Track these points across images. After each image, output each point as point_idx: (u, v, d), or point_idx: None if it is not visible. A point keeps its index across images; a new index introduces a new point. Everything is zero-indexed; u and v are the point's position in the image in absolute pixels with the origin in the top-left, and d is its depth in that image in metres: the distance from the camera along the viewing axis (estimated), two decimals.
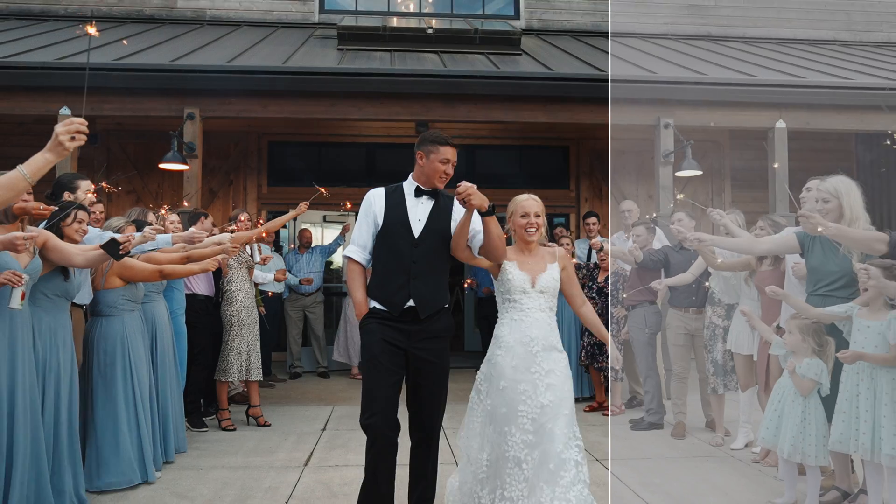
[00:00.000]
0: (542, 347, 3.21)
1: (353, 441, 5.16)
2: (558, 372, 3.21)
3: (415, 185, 3.33)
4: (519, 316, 3.26)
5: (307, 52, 7.99)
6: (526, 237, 3.32)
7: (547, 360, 3.20)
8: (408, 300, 3.20)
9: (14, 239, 3.11)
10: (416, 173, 3.36)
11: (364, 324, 3.26)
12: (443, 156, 3.26)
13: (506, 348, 3.24)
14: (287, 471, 4.48)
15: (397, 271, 3.23)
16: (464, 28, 8.68)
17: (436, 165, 3.27)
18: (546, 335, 3.25)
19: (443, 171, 3.28)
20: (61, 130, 2.50)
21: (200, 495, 3.99)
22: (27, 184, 2.61)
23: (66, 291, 3.70)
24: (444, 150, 3.27)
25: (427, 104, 7.09)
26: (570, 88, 7.16)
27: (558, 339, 3.30)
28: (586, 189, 9.67)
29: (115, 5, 10.07)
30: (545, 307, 3.29)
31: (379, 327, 3.21)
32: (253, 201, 9.29)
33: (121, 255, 3.56)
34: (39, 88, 6.73)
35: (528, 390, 3.15)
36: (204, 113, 6.95)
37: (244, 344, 5.60)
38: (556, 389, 3.16)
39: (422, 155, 3.30)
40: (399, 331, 3.21)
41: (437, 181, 3.30)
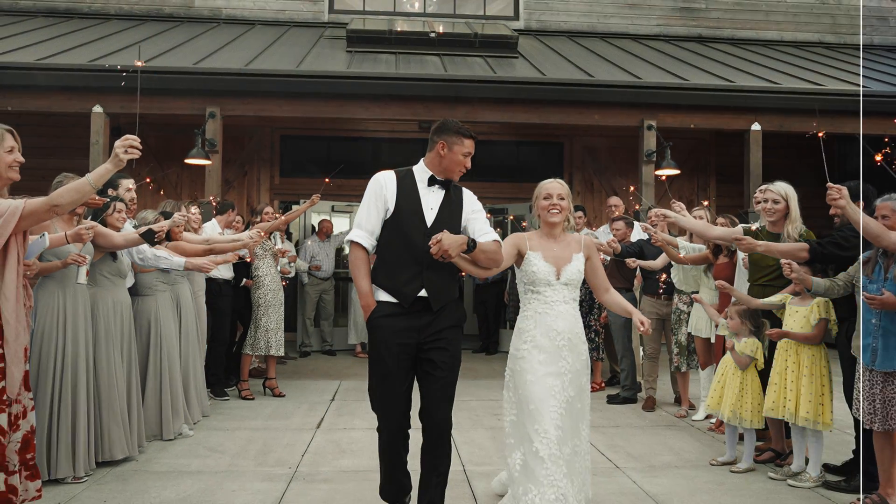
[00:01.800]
0: (568, 340, 3.17)
1: (359, 409, 5.83)
2: (579, 367, 3.19)
3: (429, 174, 3.19)
4: (543, 308, 3.19)
5: (318, 55, 8.59)
6: (548, 218, 3.26)
7: (572, 353, 3.18)
8: (420, 290, 3.08)
9: (80, 231, 3.75)
10: (432, 161, 3.20)
11: (374, 321, 3.10)
12: (466, 149, 3.17)
13: (531, 342, 3.18)
14: (302, 432, 5.16)
15: (409, 261, 3.08)
16: (464, 32, 9.27)
17: (458, 158, 3.16)
18: (571, 327, 3.20)
19: (463, 164, 3.19)
20: (119, 146, 3.05)
21: (229, 449, 4.68)
22: (91, 189, 3.17)
23: (119, 271, 4.38)
24: (468, 143, 3.18)
25: (428, 105, 7.71)
26: (561, 92, 7.76)
27: (582, 331, 3.27)
28: (578, 182, 10.29)
29: (136, 4, 10.67)
30: (569, 299, 3.23)
31: (390, 327, 3.06)
32: (266, 191, 9.95)
33: (155, 242, 4.41)
34: (75, 88, 7.37)
35: (556, 385, 3.11)
36: (224, 112, 7.59)
37: (270, 322, 6.31)
38: (579, 382, 3.18)
39: (444, 145, 3.16)
40: (410, 324, 3.07)
41: (455, 173, 3.20)
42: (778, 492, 3.95)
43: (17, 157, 2.97)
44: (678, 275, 5.81)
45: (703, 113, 8.00)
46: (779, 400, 4.12)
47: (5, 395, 2.94)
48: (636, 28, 11.22)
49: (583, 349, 3.24)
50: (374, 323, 3.11)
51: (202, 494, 3.78)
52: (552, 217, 3.26)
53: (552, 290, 3.19)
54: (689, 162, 10.27)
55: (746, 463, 4.31)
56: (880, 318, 3.52)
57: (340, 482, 4.01)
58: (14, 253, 2.94)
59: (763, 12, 11.44)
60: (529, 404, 3.10)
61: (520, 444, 3.14)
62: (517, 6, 11.20)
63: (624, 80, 7.96)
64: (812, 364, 4.02)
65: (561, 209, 3.27)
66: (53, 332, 3.84)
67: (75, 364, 3.93)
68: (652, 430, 5.38)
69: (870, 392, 3.56)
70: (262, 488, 3.90)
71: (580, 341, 3.23)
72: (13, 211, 2.85)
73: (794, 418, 4.03)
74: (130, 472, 4.13)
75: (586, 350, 3.27)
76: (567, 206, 3.30)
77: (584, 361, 3.22)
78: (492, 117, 7.96)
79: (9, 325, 2.93)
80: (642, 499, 3.80)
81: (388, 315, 3.08)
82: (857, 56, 10.69)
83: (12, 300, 2.94)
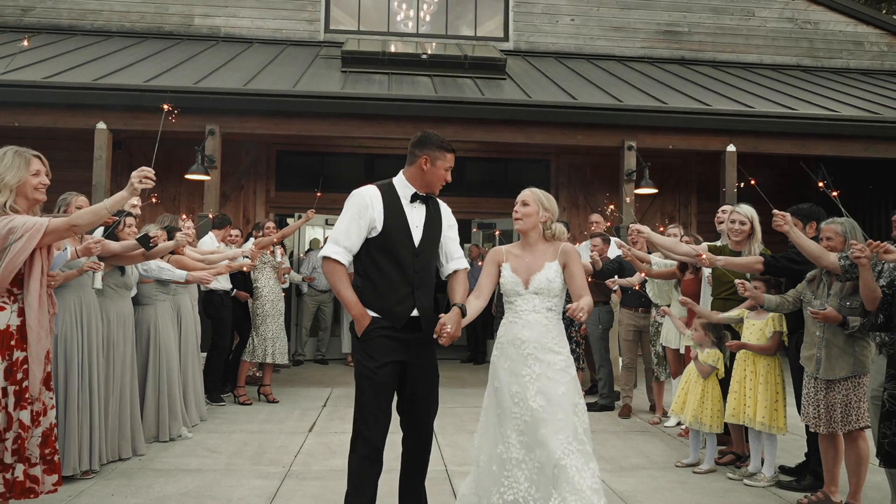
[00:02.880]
0: (534, 349, 3.11)
1: (349, 415, 6.02)
2: (551, 375, 3.07)
3: (412, 191, 3.17)
4: (513, 318, 3.21)
5: (314, 74, 8.95)
6: (514, 226, 3.31)
7: (539, 362, 3.10)
8: (412, 310, 3.10)
9: (88, 245, 4.06)
10: (413, 176, 3.18)
11: (369, 335, 3.09)
12: (448, 163, 3.18)
13: (500, 349, 3.23)
14: (294, 435, 5.46)
15: (399, 281, 3.09)
16: (455, 54, 9.65)
17: (440, 172, 3.17)
18: (539, 336, 3.12)
19: (445, 179, 3.19)
20: (134, 176, 3.36)
21: (226, 450, 4.98)
22: (108, 213, 3.46)
23: (125, 283, 4.69)
24: (450, 157, 3.19)
25: (419, 125, 8.02)
26: (546, 114, 8.13)
27: (555, 341, 3.15)
28: (564, 199, 10.64)
29: (138, 21, 11.02)
30: (541, 308, 3.17)
31: (384, 345, 3.08)
32: (262, 205, 10.26)
33: (151, 247, 4.58)
34: (80, 106, 7.69)
35: (519, 392, 3.08)
36: (223, 129, 7.93)
37: (269, 331, 6.65)
38: (548, 394, 3.05)
39: (427, 159, 3.14)
40: (400, 342, 3.10)
41: (437, 187, 3.20)
42: (735, 490, 4.28)
43: (43, 179, 3.28)
44: (652, 289, 6.16)
45: (681, 134, 8.39)
46: (739, 406, 4.46)
47: (27, 394, 3.24)
48: (621, 50, 11.64)
49: (554, 359, 3.10)
50: (369, 336, 3.08)
51: (202, 489, 4.09)
52: (515, 225, 3.28)
53: (522, 299, 3.19)
54: (671, 179, 10.68)
55: (708, 464, 4.64)
56: (824, 330, 3.87)
57: (331, 480, 4.32)
58: (38, 265, 3.25)
59: (743, 36, 11.89)
60: (496, 409, 3.18)
61: (485, 445, 3.23)
62: (507, 28, 11.61)
63: (606, 103, 8.34)
64: (767, 373, 4.37)
65: (523, 216, 3.24)
66: (71, 336, 4.14)
67: (89, 367, 4.24)
68: (625, 435, 5.70)
69: (815, 398, 3.91)
70: (258, 484, 4.20)
71: (550, 351, 3.11)
72: (38, 228, 3.16)
73: (753, 423, 4.37)
74: (134, 469, 4.43)
75: (562, 360, 3.12)
76: (532, 212, 3.23)
77: (557, 370, 3.08)
78: (480, 136, 8.32)
79: (32, 329, 3.24)
80: (609, 495, 4.12)
81: (381, 329, 3.08)
82: (832, 80, 11.16)
83: (35, 307, 3.25)
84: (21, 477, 3.22)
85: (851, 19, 12.16)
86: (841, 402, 3.79)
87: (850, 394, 3.78)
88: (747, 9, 11.88)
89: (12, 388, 3.21)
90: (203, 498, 3.95)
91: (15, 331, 3.23)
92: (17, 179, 3.18)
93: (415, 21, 11.65)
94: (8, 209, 3.18)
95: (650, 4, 11.69)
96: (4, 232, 3.11)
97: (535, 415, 3.02)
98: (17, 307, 3.25)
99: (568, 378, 3.10)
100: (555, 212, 3.30)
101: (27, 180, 3.23)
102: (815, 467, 4.16)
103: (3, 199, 3.18)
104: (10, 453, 3.19)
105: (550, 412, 3.01)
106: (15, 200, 3.18)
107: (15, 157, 3.18)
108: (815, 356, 3.90)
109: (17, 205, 3.19)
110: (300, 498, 4.01)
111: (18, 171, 3.16)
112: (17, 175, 3.16)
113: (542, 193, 3.29)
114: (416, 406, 3.21)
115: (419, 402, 3.20)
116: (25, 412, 3.21)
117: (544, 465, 2.98)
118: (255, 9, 11.13)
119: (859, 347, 3.81)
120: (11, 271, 3.14)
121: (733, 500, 4.11)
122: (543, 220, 3.24)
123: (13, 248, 3.10)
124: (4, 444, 3.16)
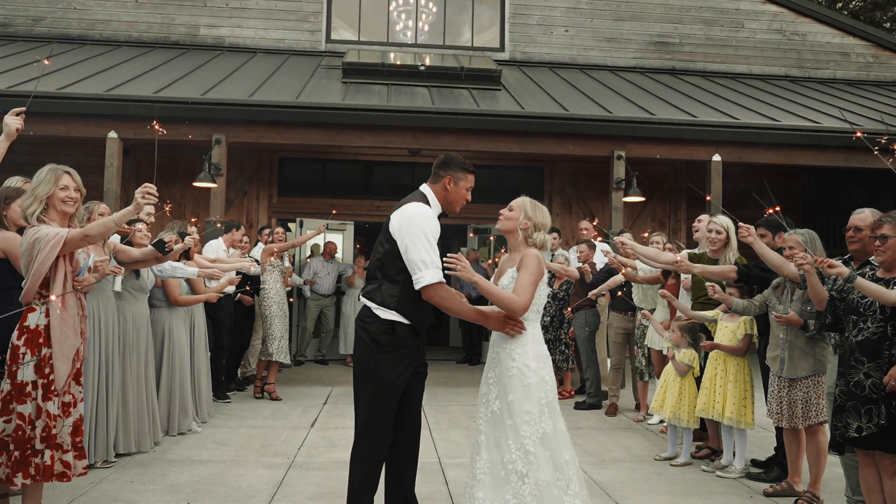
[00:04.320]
0: (496, 354, 3.20)
1: (349, 412, 6.39)
2: (505, 381, 3.11)
3: (439, 210, 3.31)
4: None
5: (316, 85, 9.29)
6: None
7: (497, 367, 3.17)
8: (430, 318, 3.34)
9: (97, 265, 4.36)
10: (438, 195, 3.31)
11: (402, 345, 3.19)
12: (470, 184, 3.32)
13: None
14: (297, 430, 5.79)
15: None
16: (452, 66, 10.00)
17: (462, 192, 3.32)
18: (500, 341, 3.19)
19: (466, 198, 3.33)
20: (139, 193, 3.66)
21: (234, 443, 5.31)
22: (116, 225, 3.75)
23: (140, 287, 5.02)
24: (471, 178, 3.32)
25: (417, 135, 8.42)
26: (539, 125, 8.47)
27: (514, 348, 3.13)
28: (558, 205, 10.98)
29: (145, 32, 11.36)
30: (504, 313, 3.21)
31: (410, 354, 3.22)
32: (264, 210, 10.60)
33: (167, 251, 4.92)
34: (92, 116, 8.02)
35: (486, 394, 3.20)
36: (229, 138, 8.26)
37: (276, 331, 7.05)
38: (503, 399, 3.10)
39: (451, 180, 3.28)
40: (417, 348, 3.27)
41: (457, 207, 3.34)
42: (707, 481, 4.61)
43: (71, 193, 3.61)
44: (638, 294, 6.49)
45: (669, 145, 8.73)
46: (709, 402, 4.79)
47: (53, 387, 3.57)
48: (614, 60, 11.98)
49: (510, 364, 3.11)
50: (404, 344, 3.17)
51: (213, 478, 4.42)
52: (496, 225, 3.33)
53: (490, 304, 3.23)
54: (661, 186, 11.03)
55: (684, 458, 4.98)
56: (787, 333, 4.20)
57: (332, 470, 4.65)
58: (62, 270, 3.58)
59: (733, 47, 12.24)
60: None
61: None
62: (503, 38, 11.96)
63: (596, 115, 8.68)
64: (737, 372, 4.70)
65: (504, 218, 3.27)
66: (90, 337, 4.47)
67: (107, 365, 4.56)
68: (610, 431, 6.03)
69: (778, 395, 4.24)
70: (265, 474, 4.53)
71: (507, 357, 3.12)
72: (60, 238, 3.49)
73: (722, 418, 4.70)
74: (150, 460, 4.76)
75: (516, 368, 3.10)
76: (513, 217, 3.24)
77: (510, 377, 3.09)
78: (475, 146, 8.65)
79: (55, 328, 3.56)
80: (590, 485, 4.45)
81: (409, 338, 3.19)
82: (818, 90, 11.51)
83: (58, 309, 3.58)
84: (49, 462, 3.55)
85: (838, 31, 12.51)
86: (802, 399, 4.13)
87: (809, 391, 4.11)
88: (737, 20, 12.23)
89: (41, 381, 3.54)
90: (215, 485, 4.28)
91: (43, 329, 3.55)
92: (46, 192, 3.52)
93: (414, 31, 12.00)
94: (36, 219, 3.52)
95: (642, 16, 12.03)
96: (32, 241, 3.44)
97: (493, 417, 3.13)
98: (45, 308, 3.57)
99: (520, 387, 3.07)
100: (540, 223, 3.24)
101: (55, 193, 3.55)
102: (782, 460, 4.49)
103: (33, 210, 3.52)
104: (39, 440, 3.52)
105: (503, 417, 3.09)
106: (47, 212, 3.51)
107: (49, 172, 3.53)
108: (780, 356, 4.23)
109: (50, 216, 3.52)
110: (304, 485, 4.33)
111: (48, 186, 3.50)
112: (47, 189, 3.50)
113: (531, 203, 3.28)
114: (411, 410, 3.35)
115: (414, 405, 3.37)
116: (52, 403, 3.53)
117: (495, 467, 3.09)
118: (258, 19, 11.47)
119: (819, 348, 4.15)
120: (39, 278, 3.46)
121: (705, 490, 4.43)
122: (524, 227, 3.22)
123: (38, 258, 3.43)
124: (34, 431, 3.48)
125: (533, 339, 3.16)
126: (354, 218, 10.88)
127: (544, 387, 3.10)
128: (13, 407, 3.42)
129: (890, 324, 3.18)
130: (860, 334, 3.26)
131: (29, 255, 3.42)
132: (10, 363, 3.44)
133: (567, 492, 3.05)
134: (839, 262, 3.26)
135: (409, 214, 3.17)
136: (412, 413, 3.38)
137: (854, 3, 21.94)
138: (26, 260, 3.44)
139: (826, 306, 3.62)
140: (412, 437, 3.39)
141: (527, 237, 3.24)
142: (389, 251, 3.18)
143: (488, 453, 3.12)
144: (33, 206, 3.53)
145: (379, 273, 3.24)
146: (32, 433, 3.49)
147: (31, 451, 3.45)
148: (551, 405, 3.12)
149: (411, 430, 3.38)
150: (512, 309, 3.08)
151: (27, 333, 3.45)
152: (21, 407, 3.41)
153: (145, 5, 11.31)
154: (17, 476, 3.41)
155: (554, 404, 3.14)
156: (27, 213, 3.50)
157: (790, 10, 12.36)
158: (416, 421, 3.42)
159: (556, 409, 3.16)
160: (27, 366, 3.43)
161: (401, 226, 3.15)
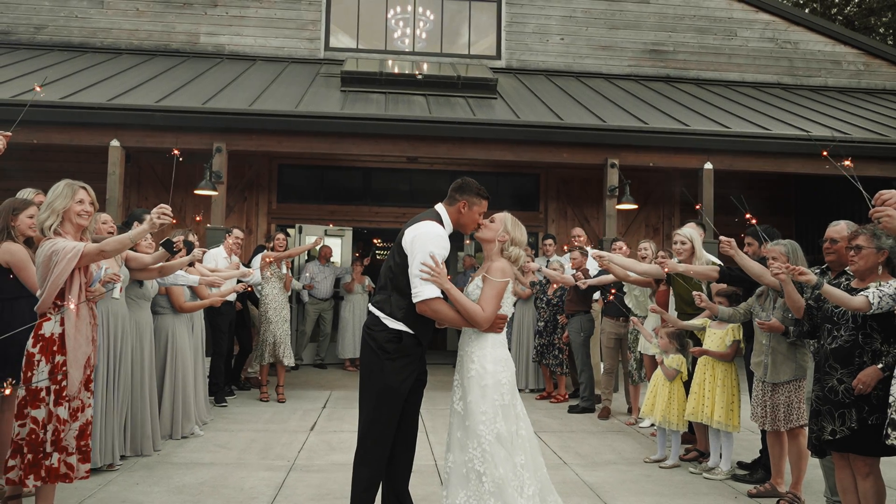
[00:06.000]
0: (460, 357, 3.36)
1: (347, 415, 6.60)
2: (465, 382, 3.27)
3: (451, 230, 3.46)
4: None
5: (315, 93, 9.45)
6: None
7: (460, 370, 3.35)
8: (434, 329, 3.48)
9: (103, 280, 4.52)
10: (452, 216, 3.46)
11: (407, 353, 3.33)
12: (483, 209, 3.47)
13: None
14: (297, 433, 5.94)
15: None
16: (449, 74, 10.17)
17: (475, 217, 3.47)
18: (463, 345, 3.35)
19: (478, 222, 3.48)
20: (154, 213, 3.82)
21: (235, 446, 5.45)
22: (131, 242, 3.90)
23: (143, 295, 5.17)
24: (485, 204, 3.49)
25: (414, 143, 8.59)
26: (534, 134, 8.64)
27: (474, 351, 3.28)
28: (553, 211, 11.17)
29: (146, 40, 11.51)
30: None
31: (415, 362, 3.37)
32: (264, 215, 10.76)
33: (175, 251, 5.00)
34: (94, 124, 8.17)
35: (453, 395, 3.39)
36: (230, 146, 8.42)
37: (278, 335, 7.24)
38: (465, 399, 3.26)
39: (465, 204, 3.43)
40: (420, 357, 3.44)
41: (469, 229, 3.48)
42: (694, 483, 4.77)
43: (86, 207, 3.76)
44: (631, 300, 6.66)
45: (661, 153, 8.91)
46: (698, 406, 4.95)
47: (65, 393, 3.72)
48: (609, 68, 12.17)
49: (470, 366, 3.27)
50: (411, 352, 3.33)
51: (216, 480, 4.56)
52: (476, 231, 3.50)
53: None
54: (655, 193, 11.20)
55: (673, 460, 5.13)
56: (770, 339, 4.36)
57: (332, 472, 4.80)
58: (77, 282, 3.72)
59: (726, 55, 12.43)
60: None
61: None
62: (500, 46, 12.13)
63: (590, 123, 8.85)
64: (724, 377, 4.86)
65: (482, 226, 3.45)
66: (99, 343, 4.61)
67: (114, 371, 4.71)
68: (602, 434, 6.19)
69: (762, 399, 4.40)
70: (266, 476, 4.68)
71: (469, 359, 3.29)
72: (76, 252, 3.64)
73: (711, 421, 4.86)
74: (154, 463, 4.90)
75: (475, 369, 3.25)
76: (492, 228, 3.41)
77: (469, 378, 3.26)
78: (471, 154, 8.82)
79: (69, 337, 3.71)
80: (580, 486, 4.61)
81: (414, 347, 3.35)
82: (810, 98, 11.69)
83: (72, 318, 3.73)
84: (56, 464, 3.69)
85: (830, 39, 12.71)
86: (784, 403, 4.28)
87: (791, 395, 4.27)
88: (730, 29, 12.42)
89: (53, 387, 3.68)
90: (218, 487, 4.42)
91: (57, 338, 3.70)
92: (64, 206, 3.67)
93: (411, 39, 12.18)
94: (53, 232, 3.67)
95: (637, 24, 12.22)
96: (49, 253, 3.59)
97: (457, 417, 3.31)
98: (59, 317, 3.72)
99: (477, 388, 3.22)
100: (517, 238, 3.41)
101: (71, 207, 3.71)
102: (766, 462, 4.65)
103: (50, 223, 3.67)
104: (49, 444, 3.66)
105: (464, 418, 3.25)
106: (63, 225, 3.67)
107: (66, 187, 3.69)
108: (763, 362, 4.39)
109: (66, 228, 3.67)
110: (304, 487, 4.48)
111: (65, 200, 3.66)
112: (64, 202, 3.65)
113: (511, 219, 3.46)
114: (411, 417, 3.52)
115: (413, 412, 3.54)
116: (62, 408, 3.68)
117: (457, 466, 3.24)
118: (258, 28, 11.64)
119: (800, 354, 4.31)
120: (55, 290, 3.61)
121: (692, 491, 4.59)
122: (501, 240, 3.39)
123: (55, 270, 3.58)
124: (46, 434, 3.63)
125: (493, 343, 3.30)
126: (353, 224, 11.04)
127: (500, 389, 3.23)
128: (27, 412, 3.56)
129: (861, 332, 3.34)
130: (834, 342, 3.42)
131: (46, 267, 3.57)
132: (25, 370, 3.59)
133: (522, 494, 3.17)
134: (808, 270, 3.43)
135: (422, 232, 3.33)
136: (410, 417, 3.53)
137: (849, 9, 22.16)
138: (42, 271, 3.59)
139: (803, 314, 3.78)
140: (408, 440, 3.55)
141: (503, 249, 3.41)
142: (400, 264, 3.33)
143: (453, 454, 3.28)
144: (50, 218, 3.68)
145: (390, 284, 3.39)
146: (44, 437, 3.64)
147: (42, 454, 3.60)
148: (506, 408, 3.24)
149: (408, 433, 3.54)
150: (475, 321, 3.25)
151: (42, 341, 3.60)
152: (35, 411, 3.56)
153: (146, 14, 11.47)
154: (29, 478, 3.55)
155: (511, 408, 3.26)
156: (44, 226, 3.65)
157: (783, 19, 12.56)
158: (413, 424, 3.58)
159: (515, 413, 3.28)
160: (41, 372, 3.58)
161: (413, 241, 3.30)
